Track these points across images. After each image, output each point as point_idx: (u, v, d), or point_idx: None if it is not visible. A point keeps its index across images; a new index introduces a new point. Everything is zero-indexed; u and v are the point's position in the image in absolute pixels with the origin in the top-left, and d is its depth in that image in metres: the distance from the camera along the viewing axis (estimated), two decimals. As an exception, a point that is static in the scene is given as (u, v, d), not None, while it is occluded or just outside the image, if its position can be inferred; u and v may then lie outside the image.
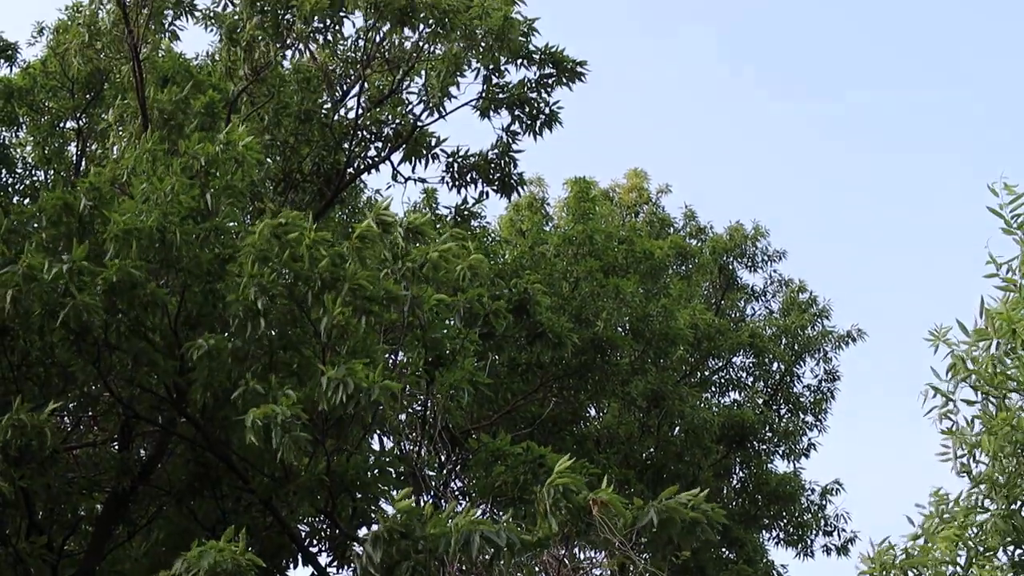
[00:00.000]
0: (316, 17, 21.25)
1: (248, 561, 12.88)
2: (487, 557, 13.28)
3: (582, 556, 20.92)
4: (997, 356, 14.29)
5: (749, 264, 34.68)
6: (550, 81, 22.80)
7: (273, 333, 15.28)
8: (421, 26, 21.46)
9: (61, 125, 24.52)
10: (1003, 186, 14.53)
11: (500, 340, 19.99)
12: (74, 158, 24.35)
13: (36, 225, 16.36)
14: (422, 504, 14.03)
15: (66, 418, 18.97)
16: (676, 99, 71.30)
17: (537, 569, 15.25)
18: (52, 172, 24.09)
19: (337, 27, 22.09)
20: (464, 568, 14.05)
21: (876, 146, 67.89)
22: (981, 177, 66.11)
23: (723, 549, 28.87)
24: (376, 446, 18.85)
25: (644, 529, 13.33)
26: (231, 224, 16.61)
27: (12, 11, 57.75)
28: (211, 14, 22.73)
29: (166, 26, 22.68)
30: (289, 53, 22.56)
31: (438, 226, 23.78)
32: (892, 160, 67.72)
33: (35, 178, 24.37)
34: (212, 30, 22.82)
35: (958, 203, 65.97)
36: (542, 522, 13.27)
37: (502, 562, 13.35)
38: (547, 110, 22.89)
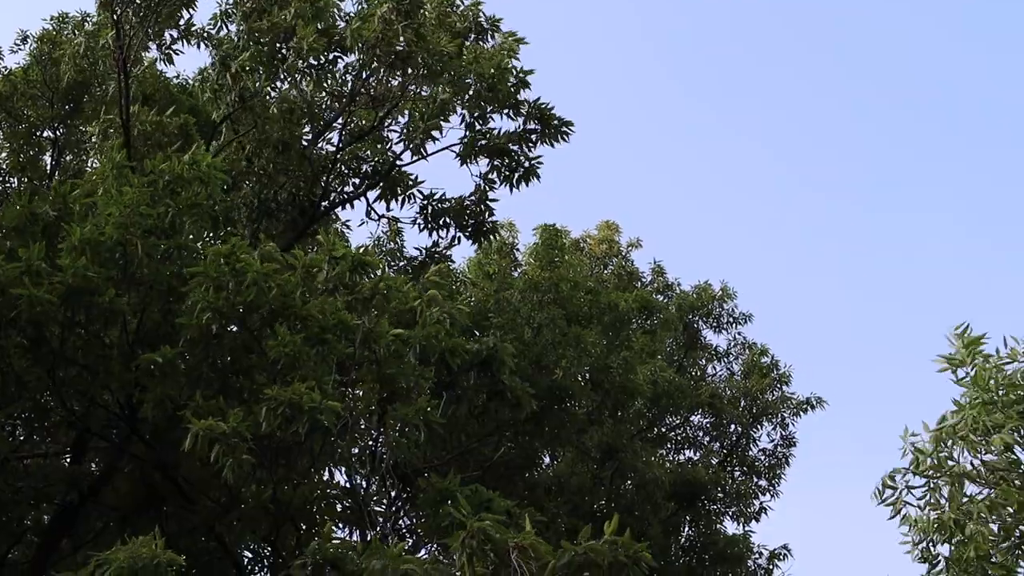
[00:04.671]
0: (311, 54, 21.35)
1: (168, 559, 12.85)
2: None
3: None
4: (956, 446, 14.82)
5: (714, 324, 34.79)
6: (533, 136, 22.95)
7: (227, 358, 15.37)
8: (411, 69, 21.59)
9: (38, 134, 24.56)
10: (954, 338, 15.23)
11: (460, 393, 19.98)
12: (48, 168, 24.38)
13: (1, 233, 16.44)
14: (368, 538, 14.08)
15: (19, 428, 18.96)
16: (656, 153, 71.51)
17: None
18: (25, 180, 24.11)
19: (331, 65, 22.18)
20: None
21: (861, 207, 68.13)
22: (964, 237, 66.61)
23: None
24: (327, 478, 18.91)
25: (564, 570, 13.28)
26: (198, 244, 16.71)
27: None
28: (206, 34, 22.74)
29: (163, 48, 22.69)
30: (279, 83, 22.64)
31: (405, 267, 23.92)
32: (875, 220, 67.97)
33: (8, 185, 24.38)
34: (207, 50, 22.82)
35: (935, 269, 66.24)
36: (463, 565, 13.28)
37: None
38: (527, 163, 23.03)
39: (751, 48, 72.53)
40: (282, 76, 22.32)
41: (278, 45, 21.71)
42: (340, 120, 23.14)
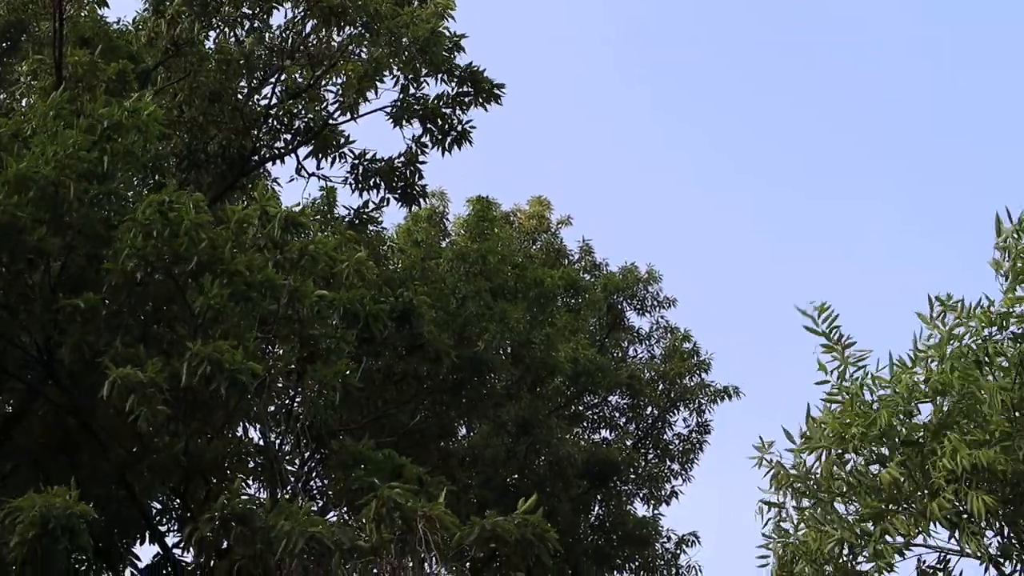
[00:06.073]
0: (246, 3, 21.26)
1: (81, 511, 12.82)
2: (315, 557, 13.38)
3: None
4: (830, 463, 15.13)
5: (638, 306, 34.85)
6: (466, 100, 23.03)
7: (150, 307, 15.30)
8: (347, 27, 21.58)
9: (-29, 72, 24.20)
10: (815, 308, 15.60)
11: (379, 346, 19.97)
12: (-19, 106, 24.03)
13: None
14: (278, 497, 14.11)
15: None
16: (591, 132, 71.54)
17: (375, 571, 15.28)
18: (-43, 117, 23.75)
19: (265, 15, 22.08)
20: (306, 566, 14.10)
21: (802, 194, 68.47)
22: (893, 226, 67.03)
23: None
24: (241, 434, 18.87)
25: (473, 545, 13.42)
26: (128, 192, 16.61)
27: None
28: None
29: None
30: (213, 33, 22.53)
31: (329, 227, 23.86)
32: (814, 208, 68.26)
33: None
34: (143, -6, 22.61)
35: (872, 259, 66.61)
36: (371, 530, 13.36)
37: (344, 563, 13.43)
38: (459, 127, 23.11)
39: (690, 34, 72.73)
40: (216, 25, 22.18)
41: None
42: (277, 76, 23.07)
